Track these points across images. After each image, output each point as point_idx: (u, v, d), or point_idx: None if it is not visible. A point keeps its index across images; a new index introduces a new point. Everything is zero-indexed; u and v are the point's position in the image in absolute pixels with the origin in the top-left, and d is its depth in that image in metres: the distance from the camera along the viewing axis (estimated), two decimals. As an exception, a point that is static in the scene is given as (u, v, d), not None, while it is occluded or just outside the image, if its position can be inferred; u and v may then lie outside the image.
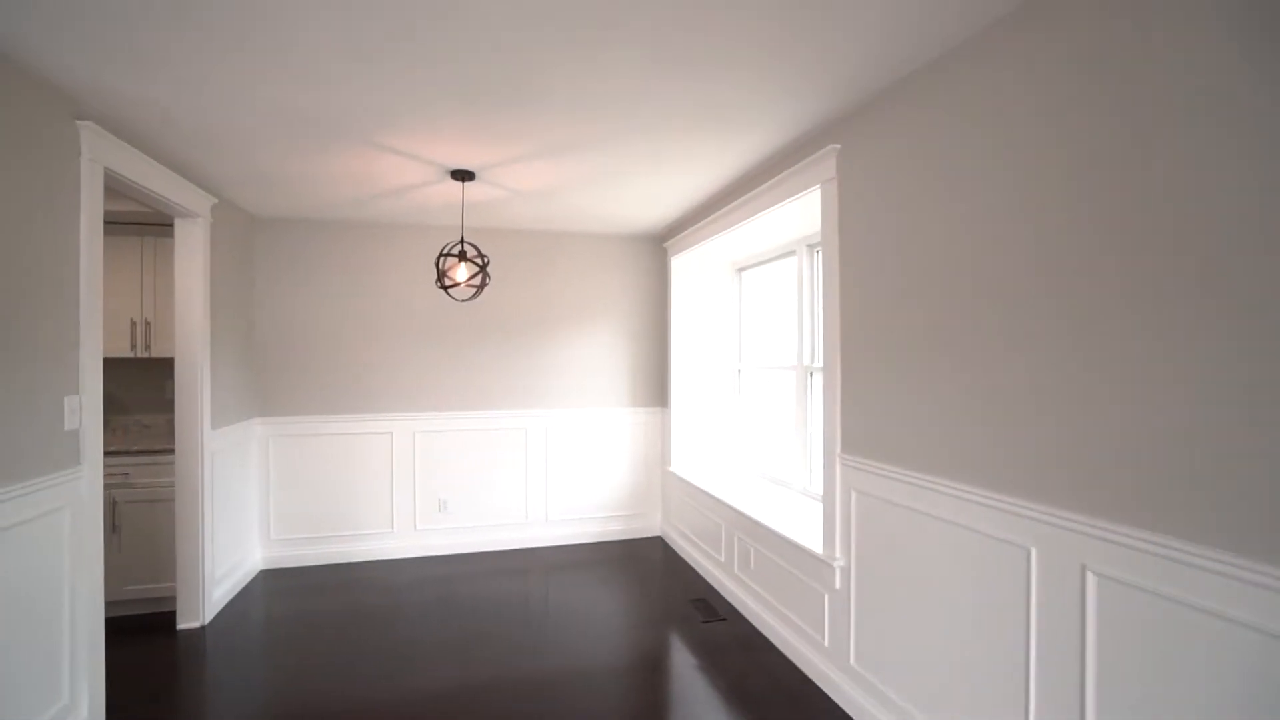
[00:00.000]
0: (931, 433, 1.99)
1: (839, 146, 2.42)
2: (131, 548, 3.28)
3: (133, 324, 3.56)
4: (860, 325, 2.34)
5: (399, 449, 4.22)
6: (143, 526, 3.29)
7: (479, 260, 3.02)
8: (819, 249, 3.49)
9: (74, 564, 2.23)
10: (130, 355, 3.55)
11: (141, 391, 3.92)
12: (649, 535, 4.70)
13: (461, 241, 3.04)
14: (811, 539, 2.72)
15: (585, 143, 2.68)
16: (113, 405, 3.81)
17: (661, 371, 4.71)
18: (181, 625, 3.19)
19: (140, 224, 3.55)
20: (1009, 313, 1.70)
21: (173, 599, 3.24)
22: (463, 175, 3.06)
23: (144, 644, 3.04)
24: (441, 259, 3.02)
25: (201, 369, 3.20)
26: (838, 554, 2.44)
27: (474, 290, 3.10)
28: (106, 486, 3.24)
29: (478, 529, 4.37)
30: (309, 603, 3.56)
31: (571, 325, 4.55)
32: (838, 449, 2.45)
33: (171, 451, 3.25)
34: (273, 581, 3.85)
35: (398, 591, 3.74)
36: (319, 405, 4.11)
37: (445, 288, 3.00)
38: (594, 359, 4.60)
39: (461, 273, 3.04)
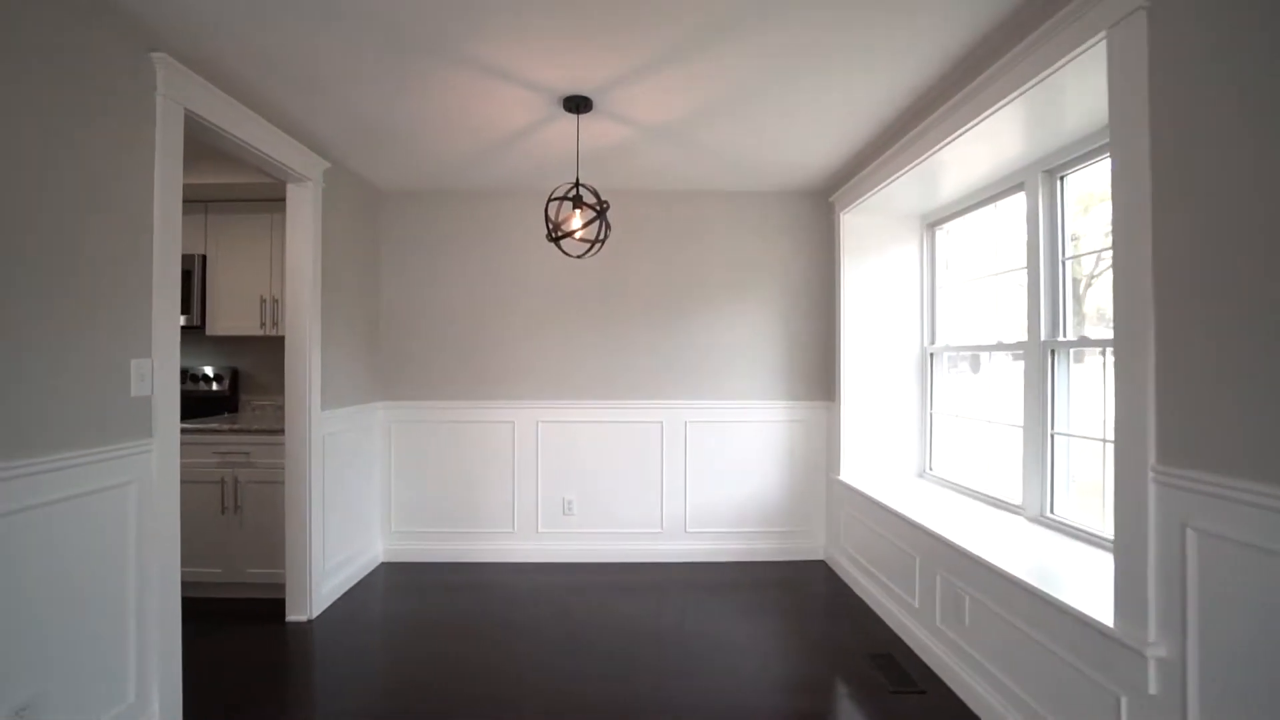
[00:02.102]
0: None
1: (1150, -45, 1.45)
2: (253, 529, 3.15)
3: (262, 301, 3.48)
4: (1202, 268, 1.36)
5: (521, 440, 3.79)
6: (264, 507, 3.14)
7: (597, 204, 2.42)
8: (1067, 172, 2.43)
9: (142, 547, 1.96)
10: (260, 334, 3.47)
11: (274, 371, 3.89)
12: (809, 558, 3.82)
13: (576, 184, 2.46)
14: (1088, 600, 1.74)
15: (724, 33, 1.96)
16: (249, 384, 3.81)
17: (826, 357, 3.82)
18: (290, 617, 2.97)
19: (270, 199, 3.46)
20: None
21: (289, 587, 3.05)
22: (577, 105, 2.49)
23: (250, 635, 2.85)
24: (553, 205, 2.47)
25: (310, 346, 2.96)
26: (1151, 634, 1.46)
27: (591, 245, 2.51)
28: (229, 464, 3.14)
29: (605, 536, 3.81)
30: (422, 604, 3.22)
31: (714, 302, 3.83)
32: (1150, 459, 1.47)
33: (288, 432, 3.07)
34: (391, 576, 3.59)
35: (516, 601, 3.28)
36: (440, 389, 3.81)
37: (556, 239, 2.44)
38: (742, 342, 3.84)
39: (576, 220, 2.47)
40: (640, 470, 3.81)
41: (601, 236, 2.47)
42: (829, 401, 3.78)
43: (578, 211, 2.48)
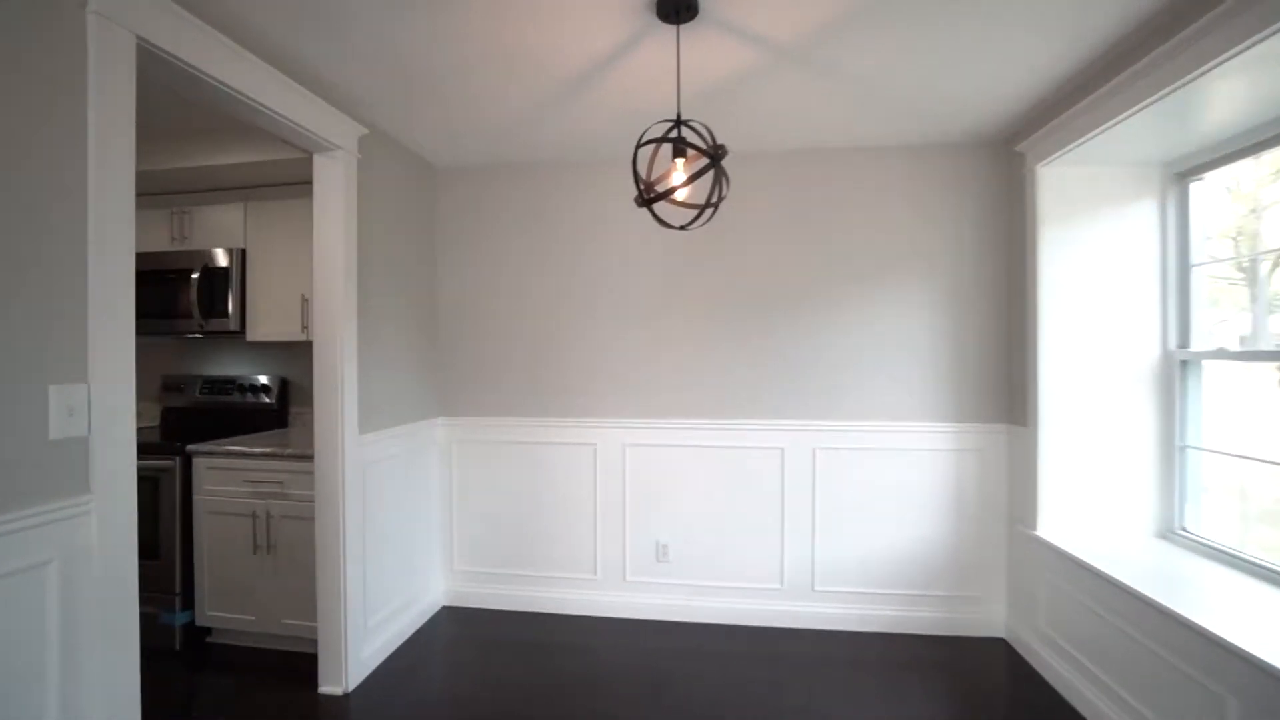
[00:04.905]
0: None
1: None
2: (288, 572, 2.63)
3: (303, 301, 2.97)
4: None
5: (604, 467, 3.07)
6: (300, 547, 2.61)
7: (709, 148, 1.62)
8: None
9: (70, 655, 1.39)
10: (303, 338, 2.95)
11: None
12: (984, 634, 2.84)
13: (678, 121, 1.67)
14: None
15: None
16: (298, 395, 3.34)
17: (1009, 364, 2.82)
18: (323, 689, 2.41)
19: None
20: None
21: (324, 648, 2.50)
22: (676, 8, 1.70)
23: (273, 706, 2.31)
24: (644, 157, 1.69)
25: (343, 357, 2.37)
26: None
27: (699, 211, 1.71)
28: (260, 495, 2.63)
29: (708, 591, 3.02)
30: (485, 669, 2.58)
31: (854, 294, 2.92)
32: None
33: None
34: (452, 627, 2.99)
35: (599, 667, 2.61)
36: (509, 403, 3.16)
37: (649, 202, 1.65)
38: (890, 345, 2.91)
39: (678, 175, 1.68)
40: (754, 509, 2.98)
41: (715, 198, 1.66)
42: (1012, 425, 2.78)
43: (679, 162, 1.69)
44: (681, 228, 1.75)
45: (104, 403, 1.46)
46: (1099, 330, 2.52)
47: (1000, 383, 2.84)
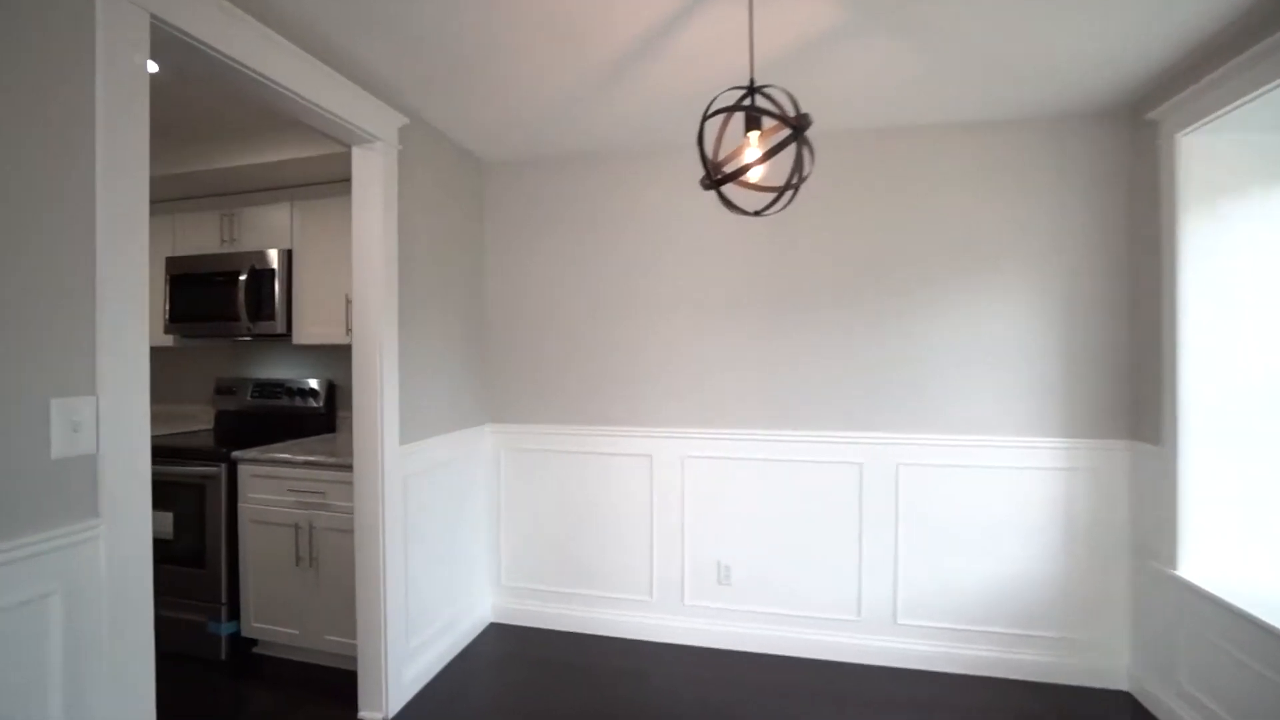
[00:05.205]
0: None
1: None
2: (330, 587, 2.52)
3: (347, 302, 2.85)
4: None
5: (661, 480, 2.83)
6: (342, 561, 2.49)
7: (792, 116, 1.34)
8: None
9: (76, 700, 1.26)
10: (347, 341, 2.84)
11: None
12: (1104, 685, 2.45)
13: (752, 88, 1.41)
14: None
15: None
16: (345, 399, 3.24)
17: (1140, 370, 2.41)
18: (363, 714, 2.27)
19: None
20: None
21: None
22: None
23: (312, 738, 2.19)
24: (711, 130, 1.44)
25: (383, 362, 2.22)
26: None
27: (779, 194, 1.44)
28: (303, 505, 2.52)
29: (775, 619, 2.73)
30: (534, 692, 2.40)
31: (944, 290, 2.58)
32: None
33: (364, 469, 2.37)
34: (499, 645, 2.82)
35: (654, 695, 2.39)
36: (560, 409, 2.96)
37: (717, 183, 1.39)
38: (986, 347, 2.55)
39: (751, 151, 1.42)
40: (828, 530, 2.68)
41: (797, 178, 1.39)
42: (1137, 441, 2.38)
43: (753, 136, 1.43)
44: (756, 213, 1.48)
45: (115, 416, 1.33)
46: (1258, 332, 2.09)
47: (1120, 390, 2.43)
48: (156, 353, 3.69)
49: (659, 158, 2.82)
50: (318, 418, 3.19)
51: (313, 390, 3.20)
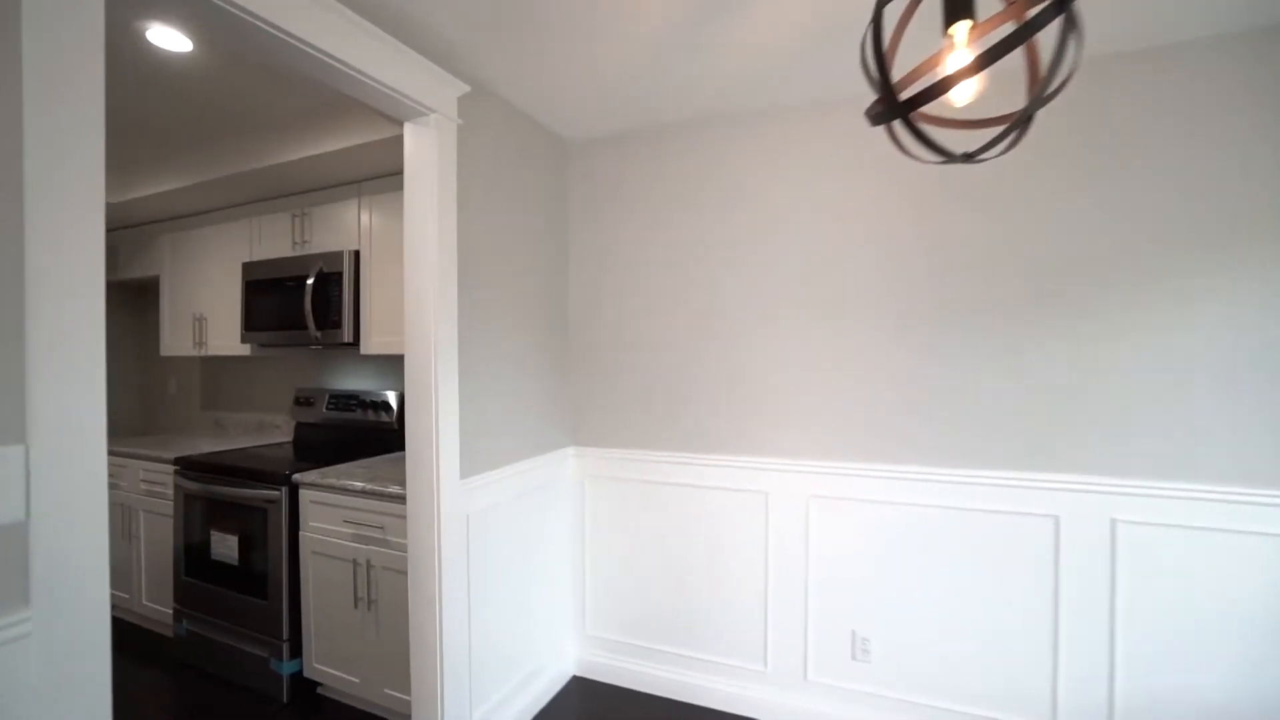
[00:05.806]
0: None
1: None
2: (390, 633, 2.19)
3: (413, 305, 2.52)
4: None
5: (780, 524, 2.28)
6: (402, 606, 2.15)
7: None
8: None
9: None
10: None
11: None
12: None
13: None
14: None
15: None
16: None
17: None
18: (421, 798, 1.91)
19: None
20: None
21: None
22: None
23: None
24: (883, 34, 0.88)
25: (439, 381, 1.84)
26: None
27: (1007, 129, 0.87)
28: (361, 540, 2.21)
29: (928, 711, 2.09)
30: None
31: (1171, 277, 1.83)
32: None
33: (422, 504, 2.00)
34: (584, 703, 2.39)
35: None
36: (655, 434, 2.48)
37: (903, 108, 0.84)
38: (1239, 362, 1.77)
39: (959, 56, 0.85)
40: (1006, 601, 2.01)
41: (1047, 91, 0.80)
42: None
43: (960, 29, 0.85)
44: (967, 157, 0.90)
45: (54, 472, 0.99)
46: None
47: None
48: (237, 362, 3.62)
49: (790, 119, 2.25)
50: (390, 434, 2.91)
51: (385, 404, 2.93)
